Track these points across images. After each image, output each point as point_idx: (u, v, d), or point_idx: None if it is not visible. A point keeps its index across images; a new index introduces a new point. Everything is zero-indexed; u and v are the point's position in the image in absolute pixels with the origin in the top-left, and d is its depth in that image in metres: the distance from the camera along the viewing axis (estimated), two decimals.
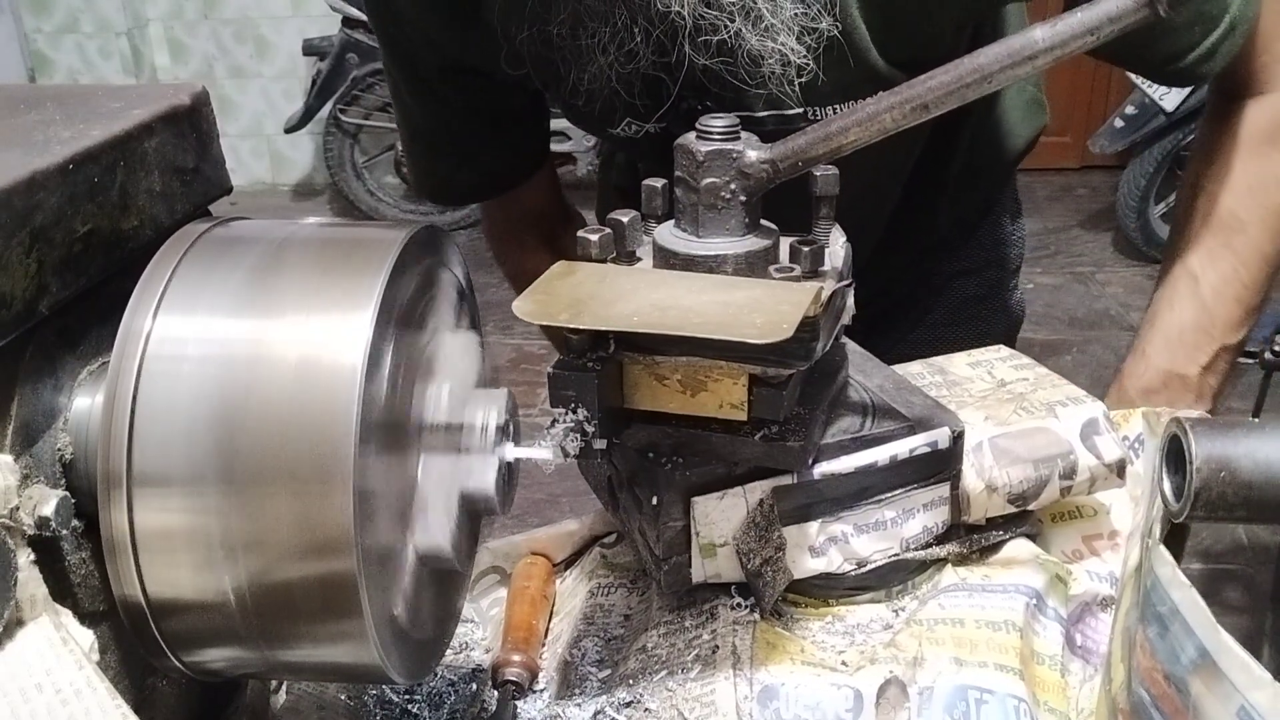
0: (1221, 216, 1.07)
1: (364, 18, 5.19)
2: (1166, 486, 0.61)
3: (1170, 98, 4.71)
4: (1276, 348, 2.87)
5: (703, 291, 0.67)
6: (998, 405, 0.83)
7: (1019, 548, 0.79)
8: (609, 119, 1.06)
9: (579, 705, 0.75)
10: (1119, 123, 4.80)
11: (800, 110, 1.01)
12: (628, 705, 0.72)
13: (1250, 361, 3.21)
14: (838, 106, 1.01)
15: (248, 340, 0.57)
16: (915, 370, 0.90)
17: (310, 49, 5.35)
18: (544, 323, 0.63)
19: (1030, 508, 0.80)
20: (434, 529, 0.64)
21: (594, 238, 0.71)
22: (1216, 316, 1.07)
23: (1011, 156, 1.30)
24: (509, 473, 0.67)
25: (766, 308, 0.64)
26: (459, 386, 0.67)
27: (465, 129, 1.18)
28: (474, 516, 0.71)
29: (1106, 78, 5.42)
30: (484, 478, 0.65)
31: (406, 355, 0.61)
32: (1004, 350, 0.93)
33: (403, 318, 0.60)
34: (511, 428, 0.67)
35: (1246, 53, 1.02)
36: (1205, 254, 1.07)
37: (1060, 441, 0.79)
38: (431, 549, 0.65)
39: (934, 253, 1.31)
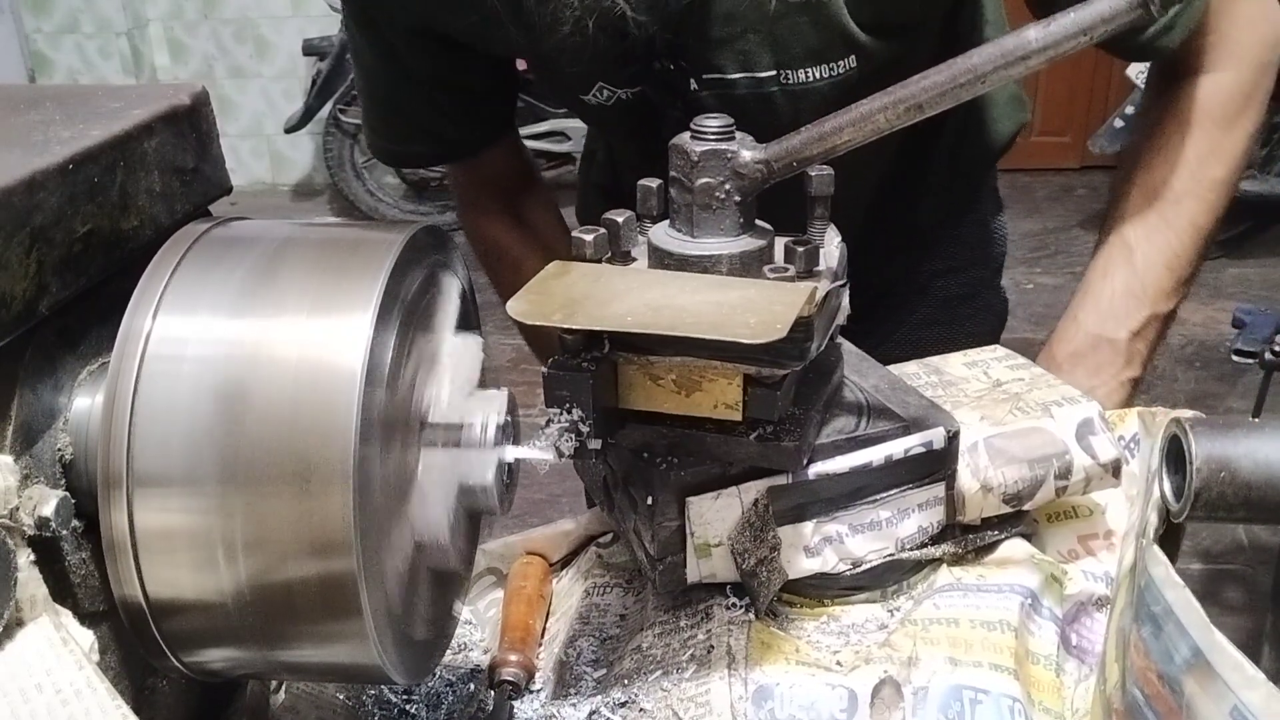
0: (1159, 189, 1.09)
1: None
2: (1166, 486, 0.61)
3: None
4: (1276, 348, 2.87)
5: (696, 291, 0.67)
6: (993, 405, 0.83)
7: (1014, 548, 0.79)
8: (582, 84, 1.05)
9: (574, 705, 0.75)
10: (1119, 123, 4.80)
11: (773, 73, 1.01)
12: (623, 705, 0.72)
13: (1250, 361, 3.21)
14: (810, 70, 1.01)
15: (248, 340, 0.57)
16: (911, 370, 0.90)
17: (310, 49, 5.35)
18: (538, 323, 0.63)
19: (1025, 508, 0.79)
20: (434, 529, 0.64)
21: (588, 238, 0.71)
22: (1148, 284, 1.08)
23: (993, 153, 1.30)
24: (509, 473, 0.67)
25: (760, 308, 0.64)
26: (459, 387, 0.67)
27: (427, 98, 1.17)
28: (474, 517, 0.71)
29: (1106, 78, 5.42)
30: (484, 478, 0.65)
31: (406, 355, 0.61)
32: (1000, 350, 0.93)
33: (403, 318, 0.60)
34: (511, 428, 0.67)
35: (1194, 30, 1.03)
36: (1141, 225, 1.09)
37: (1055, 441, 0.79)
38: (431, 549, 0.65)
39: (916, 251, 1.31)
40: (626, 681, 0.73)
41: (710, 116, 0.72)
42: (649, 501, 0.72)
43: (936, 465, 0.76)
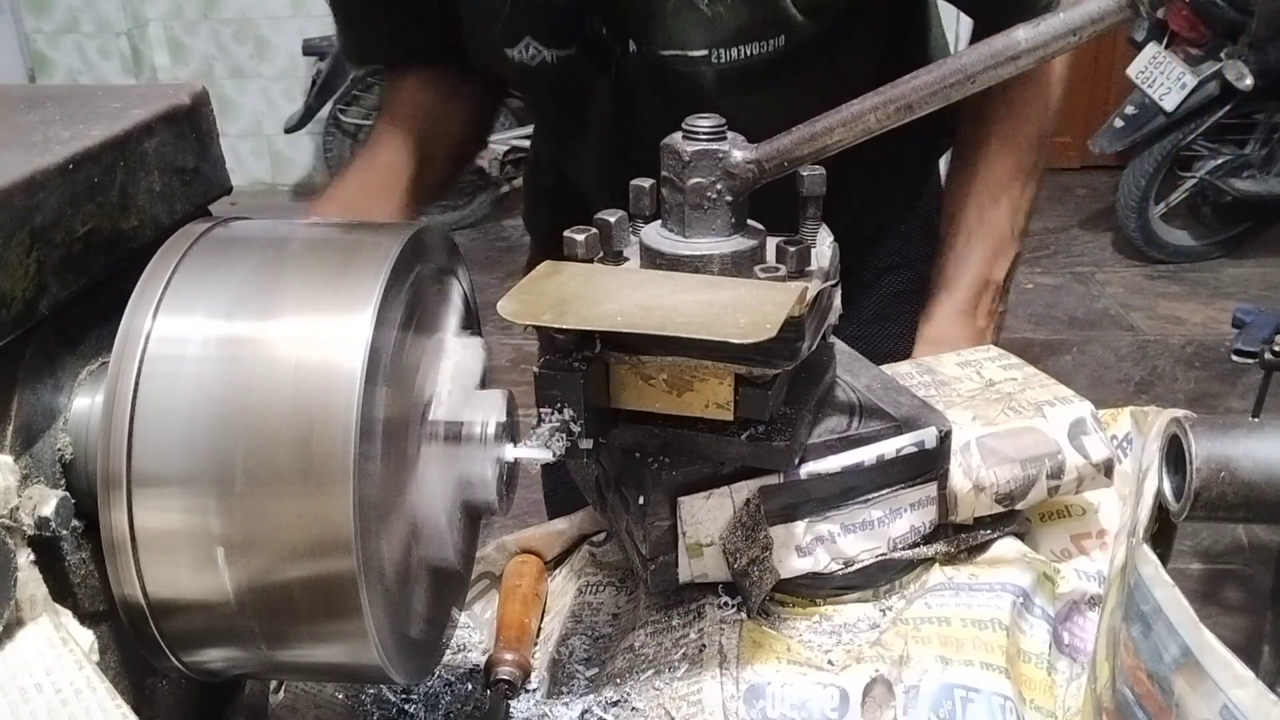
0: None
1: None
2: (1166, 486, 0.61)
3: (1170, 98, 4.71)
4: (1276, 348, 2.86)
5: (687, 291, 0.67)
6: (986, 405, 0.83)
7: (1007, 547, 0.80)
8: (509, 36, 1.05)
9: (566, 704, 0.75)
10: (1119, 123, 4.80)
11: (704, 53, 1.02)
12: (615, 704, 0.72)
13: (1250, 361, 3.21)
14: (743, 48, 1.02)
15: (247, 341, 0.57)
16: (904, 370, 0.90)
17: (310, 49, 5.35)
18: (528, 322, 0.63)
19: (1018, 507, 0.80)
20: (434, 529, 0.65)
21: (580, 238, 0.71)
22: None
23: (936, 152, 1.31)
24: (509, 473, 0.67)
25: (750, 308, 0.64)
26: (459, 387, 0.67)
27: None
28: (474, 517, 0.72)
29: (1106, 78, 5.42)
30: (484, 478, 0.65)
31: (406, 356, 0.61)
32: (993, 350, 0.93)
33: (403, 318, 0.60)
34: (511, 428, 0.67)
35: None
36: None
37: (1048, 441, 0.80)
38: (431, 549, 0.65)
39: (862, 247, 1.31)
40: (619, 680, 0.73)
41: (702, 116, 0.72)
42: (640, 501, 0.72)
43: (929, 465, 0.76)
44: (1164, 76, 4.78)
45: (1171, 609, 0.60)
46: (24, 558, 0.55)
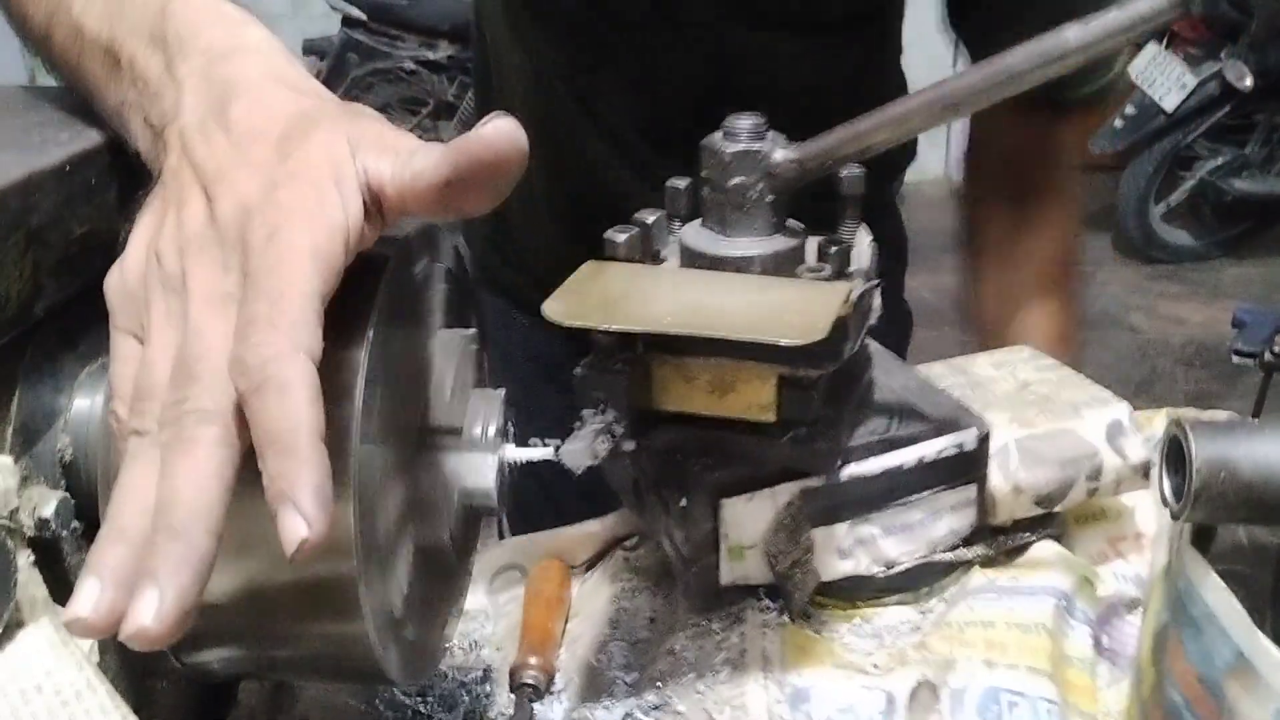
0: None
1: (364, 17, 5.19)
2: (1166, 487, 0.61)
3: (1170, 98, 4.72)
4: (1276, 348, 2.87)
5: (733, 291, 0.67)
6: (1022, 406, 0.82)
7: (1045, 549, 0.79)
8: None
9: (607, 708, 0.74)
10: (1119, 123, 4.81)
11: None
12: (656, 708, 0.72)
13: (1250, 361, 3.22)
14: None
15: None
16: (937, 371, 0.90)
17: (310, 49, 5.34)
18: (576, 324, 0.63)
19: (1057, 509, 0.79)
20: (433, 529, 0.64)
21: (621, 238, 0.71)
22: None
23: (889, 174, 1.33)
24: (508, 472, 0.66)
25: (799, 308, 0.63)
26: (459, 386, 0.66)
27: None
28: (473, 517, 0.71)
29: None
30: (483, 478, 0.64)
31: (406, 355, 0.61)
32: (1025, 351, 0.93)
33: (402, 317, 0.59)
34: (511, 428, 0.67)
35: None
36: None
37: (1085, 443, 0.79)
38: (431, 548, 0.65)
39: None
40: (660, 684, 0.73)
41: (741, 116, 0.71)
42: (682, 504, 0.72)
43: (969, 467, 0.76)
44: (1164, 76, 4.79)
45: (1224, 613, 0.59)
46: (24, 559, 0.54)
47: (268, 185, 0.50)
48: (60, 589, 0.58)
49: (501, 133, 0.50)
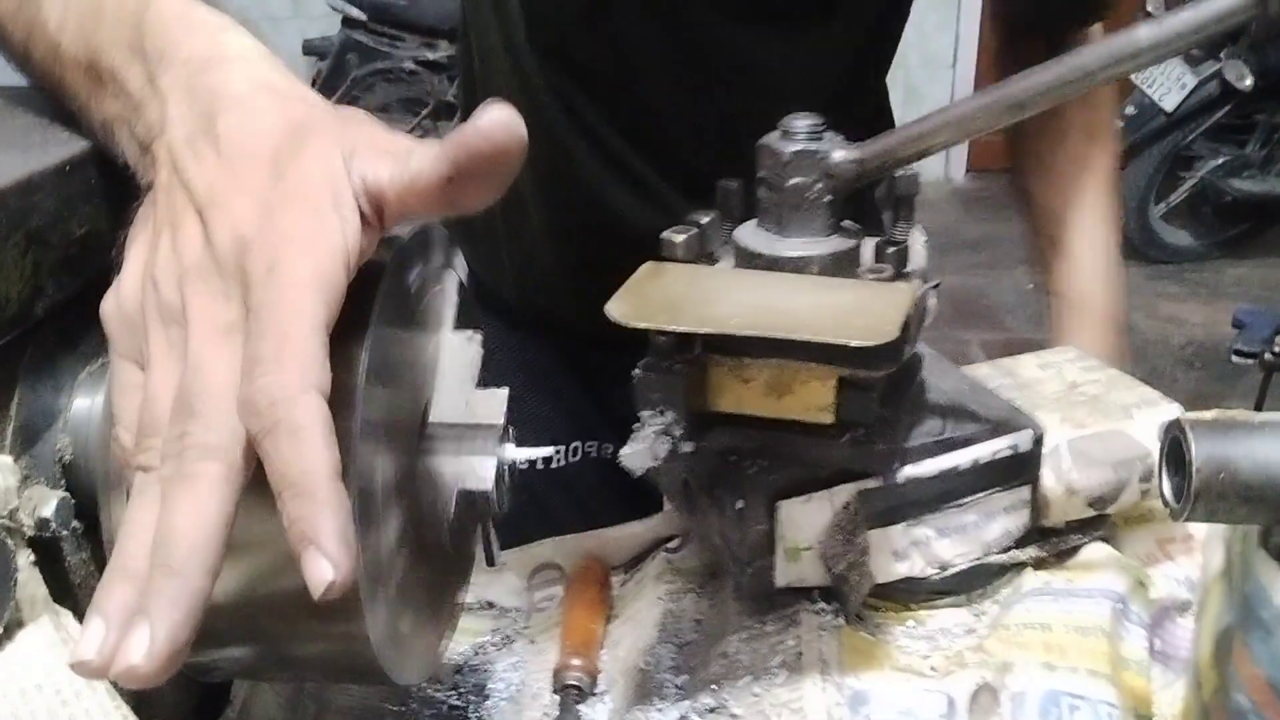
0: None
1: (364, 17, 5.18)
2: (1166, 487, 0.60)
3: (1170, 98, 4.73)
4: (1276, 348, 2.88)
5: (797, 292, 0.66)
6: (1072, 407, 0.82)
7: (1097, 551, 0.79)
8: None
9: (660, 710, 0.74)
10: (1118, 123, 4.82)
11: None
12: (712, 711, 0.71)
13: (1250, 362, 3.22)
14: None
15: None
16: (983, 372, 0.89)
17: (310, 49, 5.33)
18: (641, 325, 0.62)
19: (1109, 511, 0.79)
20: (434, 529, 0.64)
21: (679, 239, 0.70)
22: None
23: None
24: (508, 472, 0.66)
25: (866, 309, 0.63)
26: (459, 386, 0.66)
27: None
28: (473, 518, 0.71)
29: None
30: (484, 478, 0.64)
31: (406, 354, 0.60)
32: (1070, 351, 0.92)
33: (402, 317, 0.59)
34: (511, 428, 0.66)
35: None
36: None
37: (1137, 444, 0.79)
38: (431, 548, 0.64)
39: None
40: (715, 687, 0.72)
41: (799, 116, 0.71)
42: (738, 505, 0.71)
43: (1022, 468, 0.76)
44: (1164, 76, 4.80)
45: None
46: (24, 558, 0.54)
47: (264, 211, 0.48)
48: (60, 589, 0.58)
49: (498, 123, 0.48)
